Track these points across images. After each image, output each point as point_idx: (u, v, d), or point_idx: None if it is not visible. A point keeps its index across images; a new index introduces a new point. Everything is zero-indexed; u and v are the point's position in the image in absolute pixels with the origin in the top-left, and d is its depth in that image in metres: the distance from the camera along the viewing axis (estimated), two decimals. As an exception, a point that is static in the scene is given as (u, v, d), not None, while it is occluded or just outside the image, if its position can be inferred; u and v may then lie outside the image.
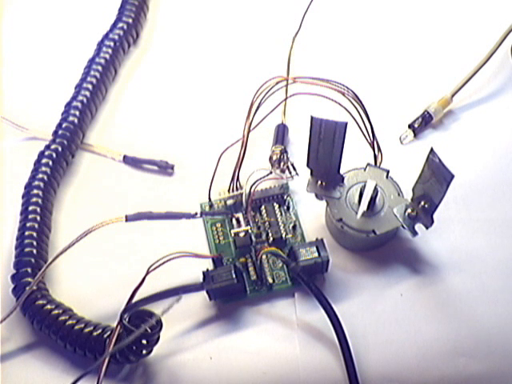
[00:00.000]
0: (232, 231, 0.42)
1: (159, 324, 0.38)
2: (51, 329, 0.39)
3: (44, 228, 0.43)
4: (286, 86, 0.44)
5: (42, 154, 0.46)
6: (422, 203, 0.39)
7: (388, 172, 0.42)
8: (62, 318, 0.39)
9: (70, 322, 0.39)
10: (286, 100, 0.44)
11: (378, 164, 0.43)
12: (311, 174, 0.42)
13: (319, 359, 0.40)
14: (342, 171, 0.41)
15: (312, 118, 0.37)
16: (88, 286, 0.43)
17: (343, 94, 0.41)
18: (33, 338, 0.41)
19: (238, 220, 0.42)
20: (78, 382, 0.36)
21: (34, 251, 0.42)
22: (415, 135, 0.47)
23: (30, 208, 0.43)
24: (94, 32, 0.51)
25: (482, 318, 0.40)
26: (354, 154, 0.41)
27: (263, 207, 0.44)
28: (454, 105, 0.48)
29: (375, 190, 0.40)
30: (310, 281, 0.39)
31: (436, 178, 0.37)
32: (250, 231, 0.42)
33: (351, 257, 0.43)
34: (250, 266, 0.42)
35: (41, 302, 0.40)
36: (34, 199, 0.43)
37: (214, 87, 0.51)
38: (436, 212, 0.39)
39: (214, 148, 0.44)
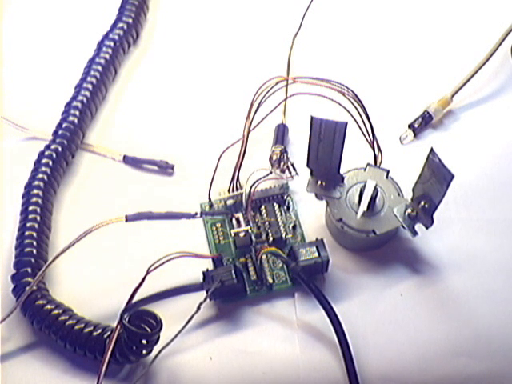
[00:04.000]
0: (232, 231, 0.42)
1: (159, 324, 0.38)
2: (51, 329, 0.39)
3: (44, 228, 0.43)
4: (286, 86, 0.44)
5: (42, 154, 0.46)
6: (422, 203, 0.39)
7: (388, 172, 0.42)
8: (62, 318, 0.39)
9: (70, 322, 0.39)
10: (285, 100, 0.44)
11: (378, 164, 0.43)
12: (311, 173, 0.42)
13: (319, 359, 0.40)
14: (342, 171, 0.41)
15: (312, 118, 0.37)
16: (88, 286, 0.43)
17: (343, 94, 0.41)
18: (33, 338, 0.41)
19: (238, 220, 0.42)
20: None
21: (34, 251, 0.42)
22: (415, 135, 0.47)
23: (30, 208, 0.43)
24: (94, 32, 0.51)
25: (482, 318, 0.40)
26: (354, 154, 0.41)
27: (263, 207, 0.44)
28: (454, 105, 0.48)
29: (375, 190, 0.40)
30: (310, 281, 0.39)
31: (436, 178, 0.37)
32: (250, 231, 0.42)
33: (351, 257, 0.43)
34: (250, 265, 0.42)
35: (41, 301, 0.40)
36: (34, 199, 0.43)
37: (213, 87, 0.51)
38: (436, 212, 0.39)
39: (214, 148, 0.44)
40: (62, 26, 0.54)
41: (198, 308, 0.39)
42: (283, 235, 0.43)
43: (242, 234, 0.42)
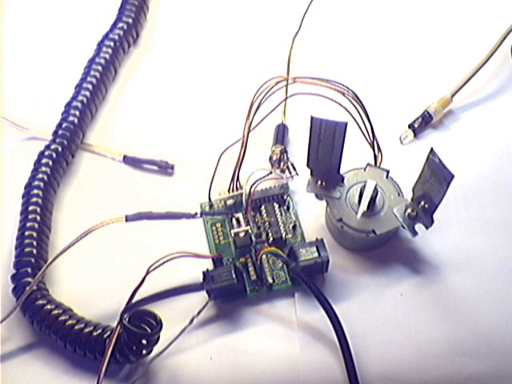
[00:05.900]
0: (232, 231, 0.42)
1: (159, 324, 0.38)
2: (51, 329, 0.39)
3: (44, 228, 0.43)
4: (286, 86, 0.44)
5: (41, 154, 0.46)
6: (422, 203, 0.39)
7: (388, 172, 0.42)
8: (62, 317, 0.39)
9: (70, 322, 0.39)
10: (286, 100, 0.44)
11: (378, 164, 0.43)
12: (311, 174, 0.42)
13: (319, 359, 0.40)
14: (342, 171, 0.41)
15: (312, 118, 0.37)
16: (88, 286, 0.43)
17: (343, 94, 0.41)
18: (33, 338, 0.41)
19: (238, 220, 0.42)
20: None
21: (34, 251, 0.42)
22: (415, 135, 0.47)
23: (30, 208, 0.43)
24: (94, 32, 0.51)
25: (482, 318, 0.40)
26: (354, 154, 0.41)
27: (263, 207, 0.44)
28: (454, 105, 0.48)
29: (375, 190, 0.40)
30: (310, 281, 0.39)
31: (436, 178, 0.37)
32: (250, 231, 0.42)
33: (351, 257, 0.43)
34: (250, 265, 0.42)
35: (41, 301, 0.40)
36: (34, 199, 0.43)
37: (213, 87, 0.51)
38: (436, 212, 0.39)
39: (214, 148, 0.44)
40: (61, 26, 0.54)
41: (199, 313, 0.39)
42: (283, 235, 0.43)
43: (242, 234, 0.42)
